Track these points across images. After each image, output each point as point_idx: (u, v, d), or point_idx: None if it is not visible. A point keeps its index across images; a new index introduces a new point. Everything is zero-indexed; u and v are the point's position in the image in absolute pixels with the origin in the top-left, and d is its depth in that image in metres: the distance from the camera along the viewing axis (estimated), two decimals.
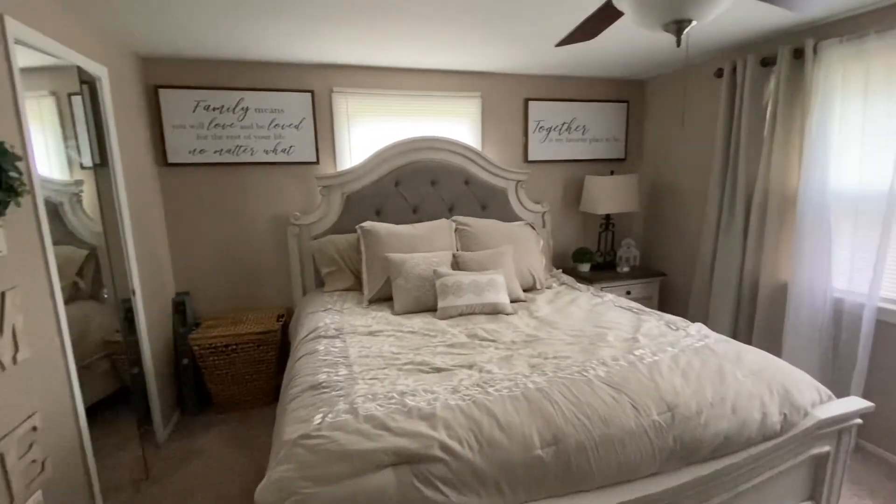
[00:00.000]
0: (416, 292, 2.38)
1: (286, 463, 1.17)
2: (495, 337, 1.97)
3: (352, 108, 3.03)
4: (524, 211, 3.32)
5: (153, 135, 2.73)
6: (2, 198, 1.33)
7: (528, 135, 3.39)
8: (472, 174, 3.17)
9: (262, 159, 2.91)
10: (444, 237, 2.80)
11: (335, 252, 2.86)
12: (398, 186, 3.05)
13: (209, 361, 2.68)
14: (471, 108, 3.26)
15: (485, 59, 2.87)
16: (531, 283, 2.73)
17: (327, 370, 1.66)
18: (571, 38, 1.48)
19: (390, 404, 1.38)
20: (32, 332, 1.52)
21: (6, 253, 1.43)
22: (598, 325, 2.09)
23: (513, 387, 1.48)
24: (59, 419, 1.64)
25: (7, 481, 1.35)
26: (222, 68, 2.77)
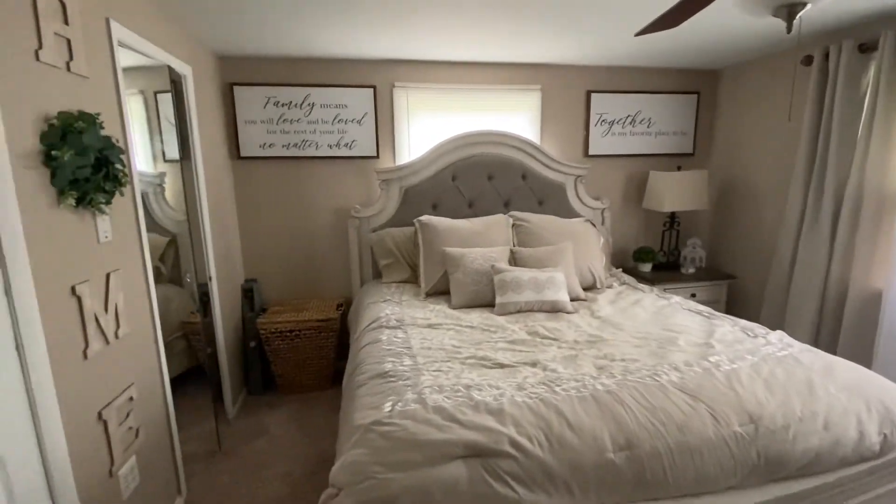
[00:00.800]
0: (473, 287, 2.39)
1: (360, 447, 1.21)
2: (557, 336, 1.93)
3: (412, 102, 3.07)
4: (583, 207, 3.23)
5: (228, 130, 2.90)
6: (109, 188, 1.46)
7: (589, 128, 3.29)
8: (529, 168, 3.12)
9: (325, 153, 3.01)
10: (500, 232, 2.78)
11: (393, 245, 2.92)
12: (455, 181, 3.06)
13: (274, 345, 2.83)
14: (530, 101, 3.20)
15: (546, 50, 2.80)
16: (591, 281, 2.66)
17: (392, 360, 1.70)
18: (656, 26, 1.41)
19: (457, 397, 1.39)
20: (130, 311, 1.66)
21: (111, 238, 1.57)
22: (667, 328, 2.00)
23: (580, 387, 1.45)
24: (150, 391, 1.78)
25: (109, 445, 1.49)
26: (291, 65, 2.89)
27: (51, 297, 1.26)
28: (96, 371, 1.45)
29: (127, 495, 1.57)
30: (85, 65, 1.46)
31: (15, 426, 1.14)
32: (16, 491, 1.13)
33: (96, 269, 1.48)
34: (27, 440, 1.17)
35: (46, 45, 1.29)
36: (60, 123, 1.31)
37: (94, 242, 1.48)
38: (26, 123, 1.21)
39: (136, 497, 1.63)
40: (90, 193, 1.39)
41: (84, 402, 1.38)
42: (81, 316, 1.39)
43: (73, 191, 1.34)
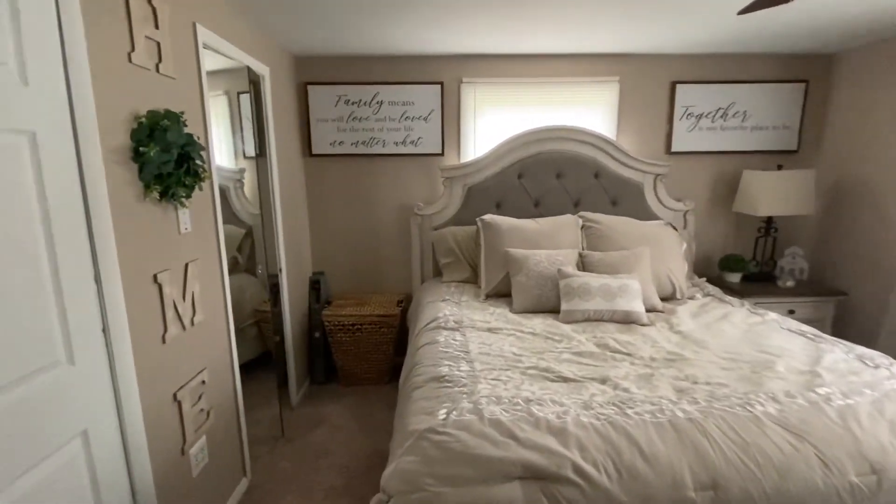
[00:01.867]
0: (536, 291, 2.26)
1: (412, 455, 1.16)
2: (630, 350, 1.76)
3: (479, 98, 2.99)
4: (662, 209, 2.96)
5: (301, 128, 3.01)
6: (189, 182, 1.54)
7: (672, 123, 3.01)
8: (603, 166, 2.91)
9: (392, 151, 3.03)
10: (568, 234, 2.62)
11: (454, 243, 2.87)
12: (521, 179, 2.94)
13: (337, 337, 2.90)
14: (606, 94, 2.99)
15: (626, 39, 2.59)
16: (670, 291, 2.42)
17: (449, 363, 1.64)
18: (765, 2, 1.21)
19: (516, 411, 1.30)
20: (205, 299, 1.76)
21: (191, 230, 1.66)
22: (762, 349, 1.75)
23: (656, 412, 1.29)
24: (220, 376, 1.88)
25: (182, 425, 1.58)
26: (362, 63, 2.93)
27: (134, 285, 1.35)
28: (173, 355, 1.54)
29: (196, 473, 1.67)
30: (172, 66, 1.55)
31: (99, 402, 1.23)
32: (96, 461, 1.21)
33: (176, 259, 1.57)
34: (109, 416, 1.26)
35: (138, 48, 1.38)
36: (148, 121, 1.39)
37: (175, 234, 1.57)
38: (118, 121, 1.30)
39: (204, 475, 1.72)
40: (172, 187, 1.47)
41: (161, 384, 1.47)
42: (161, 303, 1.48)
43: (157, 185, 1.42)
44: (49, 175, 1.08)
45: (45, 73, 1.07)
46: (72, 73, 1.13)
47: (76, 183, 1.16)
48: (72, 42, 1.13)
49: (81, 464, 1.17)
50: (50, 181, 1.08)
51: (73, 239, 1.15)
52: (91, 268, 1.20)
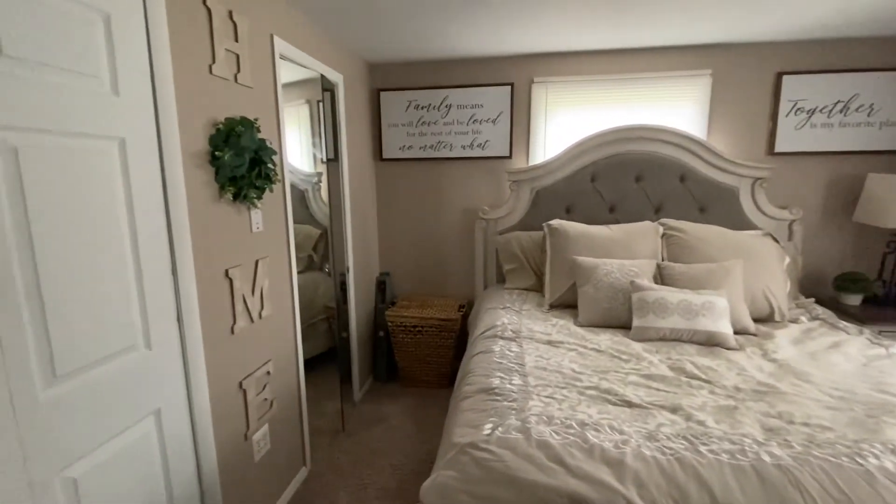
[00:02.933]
0: (606, 304, 2.10)
1: (451, 469, 1.12)
2: (710, 377, 1.55)
3: (550, 98, 2.86)
4: (761, 217, 2.61)
5: (373, 133, 3.10)
6: (261, 185, 1.64)
7: (777, 119, 2.63)
8: (690, 169, 2.64)
9: (458, 154, 3.01)
10: (646, 243, 2.40)
11: (519, 249, 2.77)
12: (594, 182, 2.76)
13: (399, 338, 2.94)
14: (696, 89, 2.70)
15: (720, 27, 2.31)
16: (767, 312, 2.11)
17: (501, 375, 1.56)
18: None
19: (568, 434, 1.19)
20: (273, 295, 1.86)
21: (262, 229, 1.77)
22: (882, 389, 1.44)
23: (737, 452, 1.11)
24: (285, 368, 1.98)
25: (246, 412, 1.69)
26: (432, 68, 2.95)
27: (207, 278, 1.46)
28: (240, 345, 1.65)
29: (258, 458, 1.76)
30: (250, 76, 1.66)
31: (171, 385, 1.34)
32: (167, 438, 1.32)
33: (247, 256, 1.68)
34: (179, 398, 1.37)
35: (218, 60, 1.49)
36: (225, 128, 1.50)
37: (247, 232, 1.68)
38: (198, 128, 1.42)
39: (266, 461, 1.82)
40: (244, 189, 1.57)
41: (228, 372, 1.58)
42: (231, 296, 1.59)
43: (230, 186, 1.53)
44: (135, 177, 1.19)
45: (134, 84, 1.19)
46: (158, 84, 1.25)
47: (158, 184, 1.28)
48: (158, 56, 1.25)
49: (154, 439, 1.29)
50: (136, 182, 1.19)
51: (155, 235, 1.26)
52: (169, 261, 1.32)
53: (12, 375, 0.91)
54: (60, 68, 1.00)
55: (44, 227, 0.97)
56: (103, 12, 1.09)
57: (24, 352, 0.93)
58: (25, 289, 0.94)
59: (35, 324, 0.96)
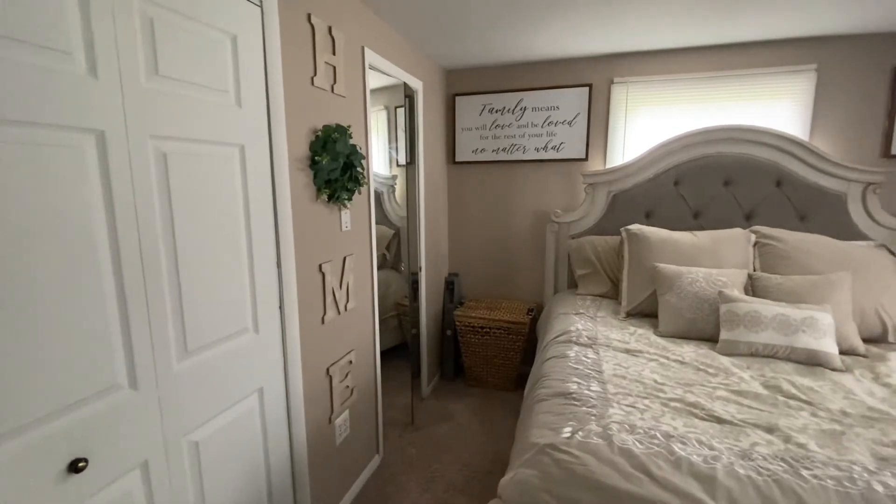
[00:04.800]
0: (689, 314, 1.99)
1: (532, 468, 1.13)
2: (812, 399, 1.43)
3: (631, 98, 2.77)
4: (874, 226, 2.34)
5: (447, 137, 3.19)
6: (352, 187, 1.76)
7: (893, 118, 2.35)
8: (788, 172, 2.43)
9: (532, 157, 3.00)
10: (735, 252, 2.24)
11: (592, 254, 2.71)
12: (677, 186, 2.63)
13: (467, 338, 2.99)
14: (797, 86, 2.48)
15: (827, 18, 2.11)
16: (879, 331, 1.89)
17: (578, 380, 1.55)
18: None
19: (652, 444, 1.16)
20: (357, 290, 1.98)
21: (350, 228, 1.90)
22: None
23: (844, 479, 1.02)
24: (364, 359, 2.10)
25: (331, 397, 1.81)
26: (507, 71, 2.97)
27: (304, 272, 1.60)
28: (329, 335, 1.78)
29: (339, 442, 1.89)
30: (344, 86, 1.79)
31: (272, 367, 1.48)
32: (267, 414, 1.47)
33: (337, 252, 1.81)
34: (278, 380, 1.51)
35: (319, 72, 1.62)
36: (323, 135, 1.63)
37: (337, 231, 1.81)
38: (301, 135, 1.56)
39: (345, 445, 1.94)
40: (338, 191, 1.70)
41: (318, 358, 1.71)
42: (323, 289, 1.72)
43: (326, 189, 1.66)
44: (251, 179, 1.34)
45: (252, 97, 1.34)
46: (271, 96, 1.40)
47: (269, 185, 1.42)
48: (272, 70, 1.39)
49: (256, 415, 1.43)
50: (251, 184, 1.34)
51: (264, 230, 1.41)
52: (275, 254, 1.46)
53: (156, 347, 1.07)
54: (201, 85, 1.16)
55: (183, 223, 1.12)
56: (231, 34, 1.25)
57: (165, 328, 1.09)
58: (168, 274, 1.09)
59: (174, 304, 1.11)
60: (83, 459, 0.91)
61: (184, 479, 1.17)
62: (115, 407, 0.98)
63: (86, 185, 0.91)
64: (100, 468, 0.95)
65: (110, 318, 0.96)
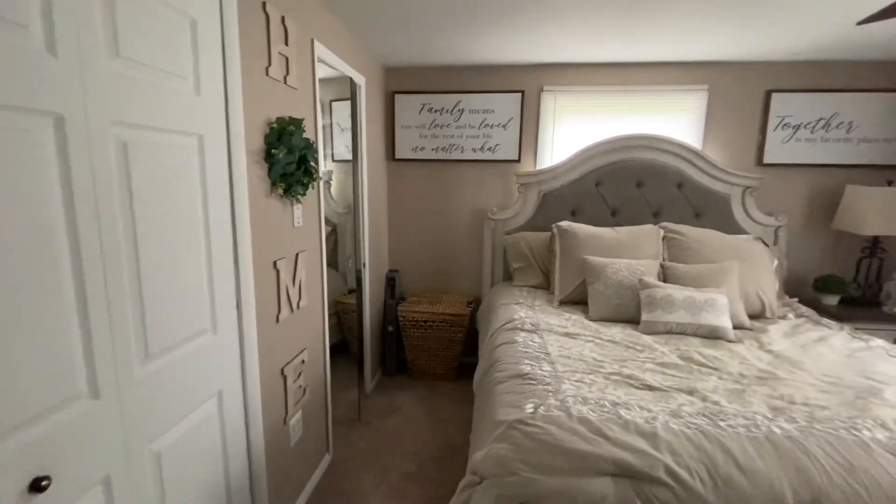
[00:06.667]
0: (616, 300, 2.26)
1: (504, 442, 1.24)
2: (717, 365, 1.72)
3: (559, 106, 3.02)
4: (750, 223, 2.83)
5: (387, 134, 3.20)
6: (307, 181, 1.73)
7: (765, 133, 2.86)
8: (687, 176, 2.84)
9: (469, 157, 3.14)
10: (649, 245, 2.57)
11: (527, 248, 2.91)
12: (598, 187, 2.93)
13: (410, 332, 3.04)
14: (693, 102, 2.91)
15: (717, 46, 2.51)
16: (759, 309, 2.31)
17: (530, 362, 1.70)
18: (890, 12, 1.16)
19: (603, 412, 1.33)
20: (308, 287, 1.94)
21: (302, 224, 1.86)
22: (867, 376, 1.64)
23: (751, 426, 1.27)
24: (315, 358, 2.06)
25: (286, 397, 1.77)
26: (446, 73, 3.07)
27: (260, 269, 1.54)
28: (283, 334, 1.73)
29: (293, 443, 1.85)
30: (296, 78, 1.75)
31: (230, 369, 1.42)
32: (226, 419, 1.40)
33: (290, 249, 1.76)
34: (236, 381, 1.45)
35: (273, 63, 1.58)
36: (278, 127, 1.59)
37: (290, 226, 1.77)
38: (257, 127, 1.50)
39: (298, 446, 1.90)
40: (293, 185, 1.66)
41: (273, 358, 1.66)
42: (278, 286, 1.67)
43: (282, 183, 1.62)
44: (209, 172, 1.28)
45: (211, 85, 1.27)
46: (229, 84, 1.34)
47: (226, 179, 1.36)
48: (230, 58, 1.33)
49: (216, 419, 1.36)
50: (210, 177, 1.28)
51: (222, 226, 1.35)
52: (232, 251, 1.40)
53: (118, 351, 0.99)
54: (162, 70, 1.08)
55: (144, 217, 1.05)
56: (191, 17, 1.18)
57: (126, 330, 1.01)
58: (129, 272, 1.02)
59: (136, 304, 1.04)
60: (46, 477, 0.82)
61: (146, 495, 1.09)
62: (76, 418, 0.90)
63: (44, 175, 0.82)
64: (63, 486, 0.87)
65: (70, 320, 0.88)
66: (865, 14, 1.75)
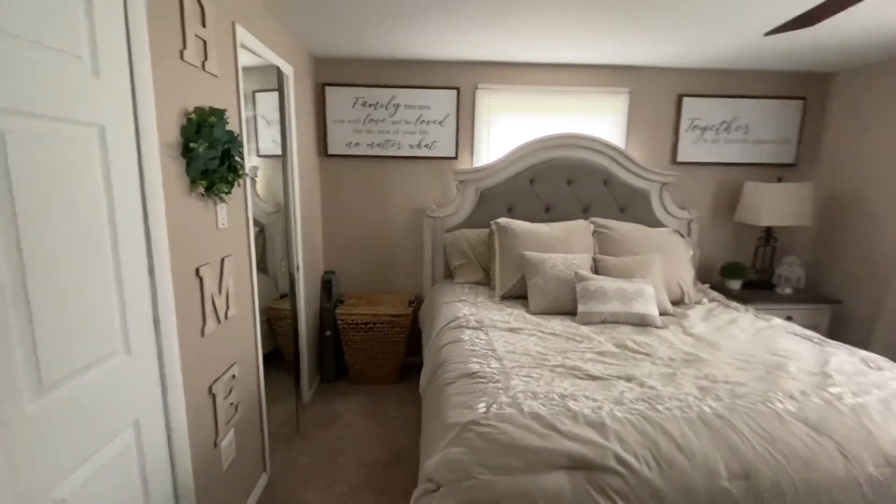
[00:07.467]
0: (554, 293, 2.33)
1: (459, 446, 1.21)
2: (649, 351, 1.84)
3: (494, 104, 3.06)
4: (668, 216, 3.06)
5: (318, 128, 3.04)
6: (232, 178, 1.57)
7: (678, 134, 3.11)
8: (612, 174, 3.00)
9: (406, 153, 3.07)
10: (581, 239, 2.69)
11: (466, 245, 2.92)
12: (533, 184, 3.01)
13: (350, 336, 2.92)
14: (616, 104, 3.08)
15: (635, 52, 2.68)
16: (679, 296, 2.51)
17: (478, 360, 1.69)
18: (793, 25, 1.29)
19: (553, 405, 1.35)
20: (237, 294, 1.77)
21: (227, 225, 1.68)
22: (772, 352, 1.84)
23: (684, 407, 1.36)
24: (246, 371, 1.89)
25: (215, 418, 1.60)
26: (379, 67, 2.98)
27: (180, 277, 1.37)
28: (210, 348, 1.56)
29: (226, 466, 1.68)
30: (216, 65, 1.58)
31: (149, 392, 1.25)
32: (146, 450, 1.23)
33: (214, 254, 1.59)
34: (156, 406, 1.28)
35: (189, 46, 1.40)
36: (196, 118, 1.42)
37: (213, 229, 1.59)
38: (171, 117, 1.33)
39: (232, 469, 1.74)
40: (216, 183, 1.50)
41: (199, 376, 1.49)
42: (202, 296, 1.50)
43: (202, 180, 1.45)
44: (115, 169, 1.10)
45: (113, 67, 1.09)
46: (136, 67, 1.16)
47: (136, 177, 1.18)
48: (136, 35, 1.16)
49: (133, 453, 1.19)
50: (115, 175, 1.10)
51: (132, 232, 1.17)
52: (146, 260, 1.22)
53: (1, 385, 0.82)
54: (48, 47, 0.90)
55: (30, 223, 0.87)
56: None
57: (11, 359, 0.84)
58: (13, 287, 0.84)
59: (23, 328, 0.86)
60: None
61: None
62: None
63: None
64: None
65: None
66: (772, 26, 1.95)
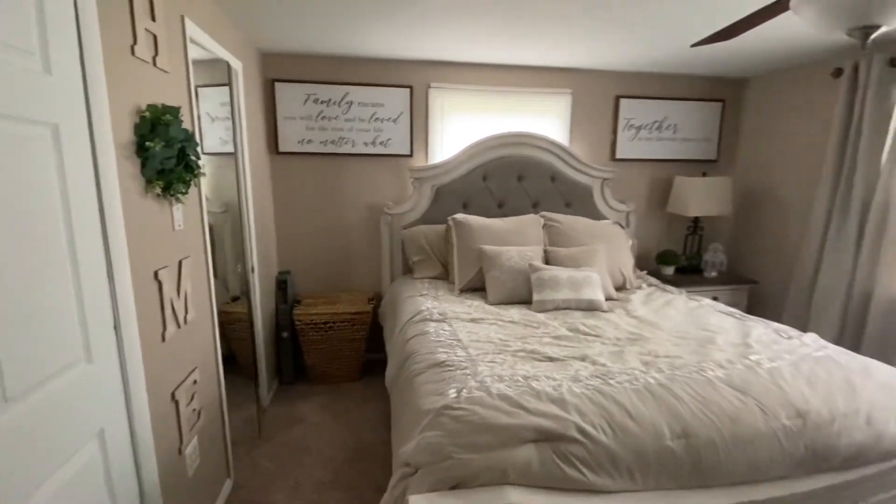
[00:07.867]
0: (511, 284, 2.45)
1: (434, 430, 1.28)
2: (598, 333, 2.00)
3: (447, 103, 3.13)
4: (608, 209, 3.30)
5: (268, 125, 2.96)
6: (188, 178, 1.52)
7: (616, 132, 3.36)
8: (558, 171, 3.19)
9: (361, 151, 3.08)
10: (533, 232, 2.84)
11: (424, 241, 2.98)
12: (486, 181, 3.12)
13: (308, 336, 2.89)
14: (561, 104, 3.27)
15: (578, 55, 2.87)
16: (621, 282, 2.73)
17: (445, 350, 1.76)
18: (717, 38, 1.47)
19: (518, 386, 1.45)
20: (195, 298, 1.73)
21: (183, 227, 1.63)
22: (703, 328, 2.07)
23: (632, 380, 1.51)
24: (207, 375, 1.85)
25: (179, 424, 1.56)
26: (331, 63, 2.95)
27: (140, 282, 1.33)
28: (171, 353, 1.52)
29: (191, 473, 1.64)
30: (167, 60, 1.53)
31: (112, 401, 1.21)
32: (111, 462, 1.19)
33: (172, 256, 1.54)
34: (120, 415, 1.24)
35: (139, 40, 1.35)
36: (150, 116, 1.37)
37: (170, 230, 1.54)
38: (125, 115, 1.28)
39: (197, 476, 1.69)
40: (174, 183, 1.45)
41: (162, 382, 1.45)
42: (161, 300, 1.46)
43: (159, 180, 1.41)
44: (70, 169, 1.05)
45: (65, 63, 1.05)
46: (88, 63, 1.11)
47: (91, 177, 1.14)
48: (87, 29, 1.11)
49: (98, 465, 1.15)
50: (70, 176, 1.06)
51: (90, 235, 1.13)
52: (104, 263, 1.18)
53: None
54: None
55: None
56: None
57: None
58: None
59: None
60: None
61: None
62: None
63: None
64: None
65: None
66: (698, 38, 2.18)
